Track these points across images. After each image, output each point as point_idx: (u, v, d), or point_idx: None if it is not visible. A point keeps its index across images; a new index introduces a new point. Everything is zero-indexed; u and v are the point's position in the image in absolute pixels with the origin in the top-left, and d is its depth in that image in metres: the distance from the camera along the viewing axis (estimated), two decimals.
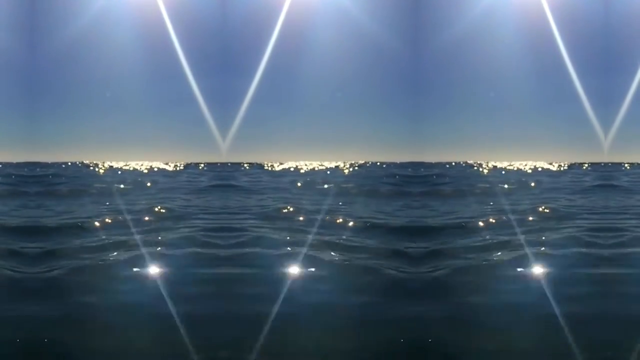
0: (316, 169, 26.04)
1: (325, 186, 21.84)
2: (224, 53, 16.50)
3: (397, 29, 16.67)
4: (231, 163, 17.93)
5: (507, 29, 17.18)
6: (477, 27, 17.10)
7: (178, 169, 27.71)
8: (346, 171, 25.14)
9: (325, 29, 17.02)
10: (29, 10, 16.29)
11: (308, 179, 24.03)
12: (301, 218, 15.48)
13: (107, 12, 16.63)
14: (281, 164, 26.68)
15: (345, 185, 21.85)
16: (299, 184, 22.85)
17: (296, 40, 16.90)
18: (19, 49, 16.09)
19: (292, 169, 26.60)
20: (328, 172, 25.59)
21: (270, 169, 27.78)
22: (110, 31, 16.63)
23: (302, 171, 26.15)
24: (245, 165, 25.65)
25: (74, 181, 23.49)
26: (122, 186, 22.03)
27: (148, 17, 16.72)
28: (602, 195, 20.26)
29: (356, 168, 26.24)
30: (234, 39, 16.59)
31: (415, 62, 16.51)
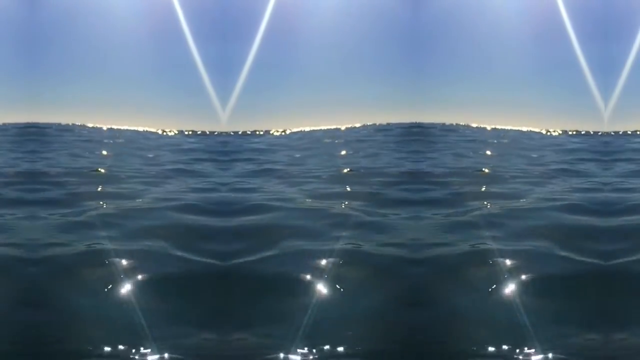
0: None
1: None
2: (223, 18, 16.48)
3: None
4: (233, 132, 17.85)
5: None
6: None
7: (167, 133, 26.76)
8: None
9: None
10: None
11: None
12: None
13: None
14: (291, 130, 25.48)
15: None
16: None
17: (295, 4, 16.89)
18: (19, 8, 16.10)
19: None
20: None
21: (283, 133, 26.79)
22: None
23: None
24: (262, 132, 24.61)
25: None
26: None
27: None
28: None
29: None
30: (233, 3, 16.57)
31: (415, 25, 16.48)
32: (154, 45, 17.01)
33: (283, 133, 23.02)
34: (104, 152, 18.30)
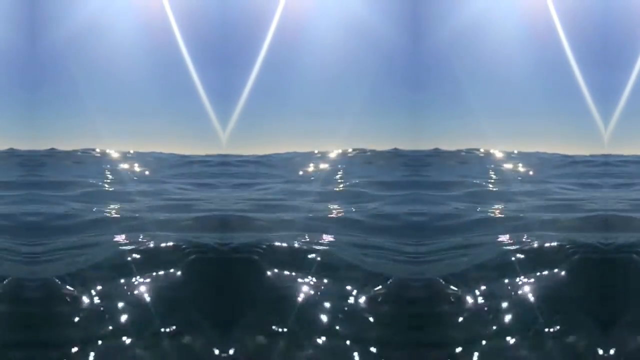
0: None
1: None
2: (224, 45, 16.54)
3: (397, 22, 16.66)
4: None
5: (509, 22, 17.16)
6: (479, 20, 17.09)
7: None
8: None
9: (323, 21, 17.03)
10: (29, 1, 16.31)
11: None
12: None
13: (109, 4, 16.66)
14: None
15: None
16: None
17: (294, 32, 16.92)
18: (18, 40, 16.14)
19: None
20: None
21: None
22: (112, 23, 16.65)
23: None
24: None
25: None
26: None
27: (150, 9, 16.75)
28: None
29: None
30: (233, 31, 16.62)
31: (415, 56, 16.52)
32: (156, 73, 17.07)
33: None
34: None
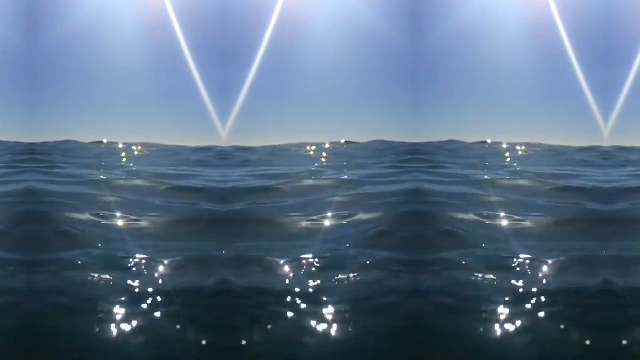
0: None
1: None
2: (224, 44, 16.56)
3: (397, 21, 16.65)
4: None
5: (510, 19, 17.15)
6: (479, 18, 17.08)
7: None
8: None
9: (322, 20, 17.02)
10: (29, 0, 16.32)
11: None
12: None
13: (109, 2, 16.67)
14: None
15: None
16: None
17: (293, 31, 16.93)
18: (19, 40, 16.15)
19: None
20: None
21: None
22: (113, 22, 16.66)
23: None
24: None
25: None
26: None
27: (151, 7, 16.76)
28: None
29: None
30: (233, 30, 16.64)
31: (415, 54, 16.51)
32: (158, 71, 17.11)
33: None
34: None
